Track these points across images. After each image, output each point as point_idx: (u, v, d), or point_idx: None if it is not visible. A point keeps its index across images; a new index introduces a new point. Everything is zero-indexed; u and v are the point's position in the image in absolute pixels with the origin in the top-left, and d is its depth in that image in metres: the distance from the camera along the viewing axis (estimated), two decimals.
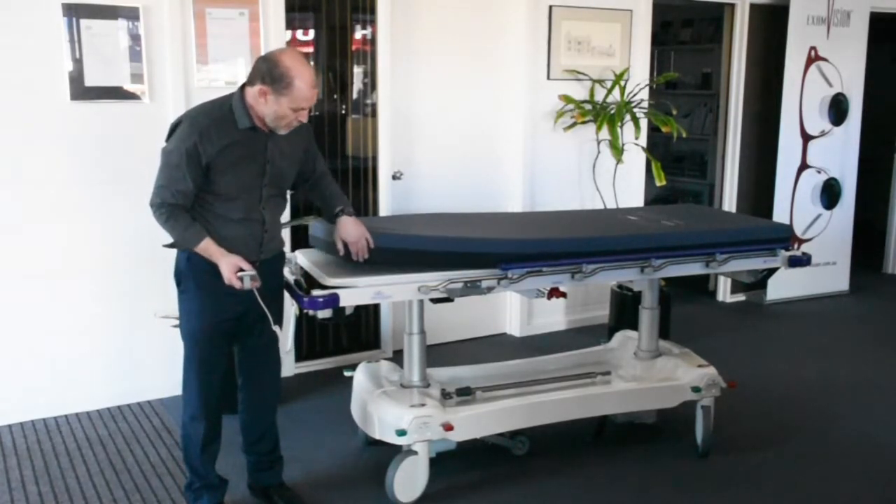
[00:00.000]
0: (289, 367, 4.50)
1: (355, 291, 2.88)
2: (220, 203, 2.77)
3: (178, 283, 2.89)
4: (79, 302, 3.95)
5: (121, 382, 4.07)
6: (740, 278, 3.72)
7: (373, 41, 4.53)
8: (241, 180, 2.77)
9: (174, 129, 2.76)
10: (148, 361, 4.12)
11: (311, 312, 2.88)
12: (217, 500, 3.04)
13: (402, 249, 2.96)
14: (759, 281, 3.68)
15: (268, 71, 2.67)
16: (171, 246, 2.85)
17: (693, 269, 3.39)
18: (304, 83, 2.68)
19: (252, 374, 3.09)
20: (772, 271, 3.60)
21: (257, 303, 2.80)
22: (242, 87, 2.77)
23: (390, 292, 2.94)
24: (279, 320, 3.04)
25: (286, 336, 3.39)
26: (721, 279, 6.05)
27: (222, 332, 2.89)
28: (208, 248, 2.72)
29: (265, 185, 2.83)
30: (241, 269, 2.70)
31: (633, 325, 3.91)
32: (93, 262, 3.93)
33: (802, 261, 3.52)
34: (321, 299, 2.81)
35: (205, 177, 2.72)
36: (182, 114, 2.81)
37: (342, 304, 2.84)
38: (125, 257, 3.98)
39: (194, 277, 2.82)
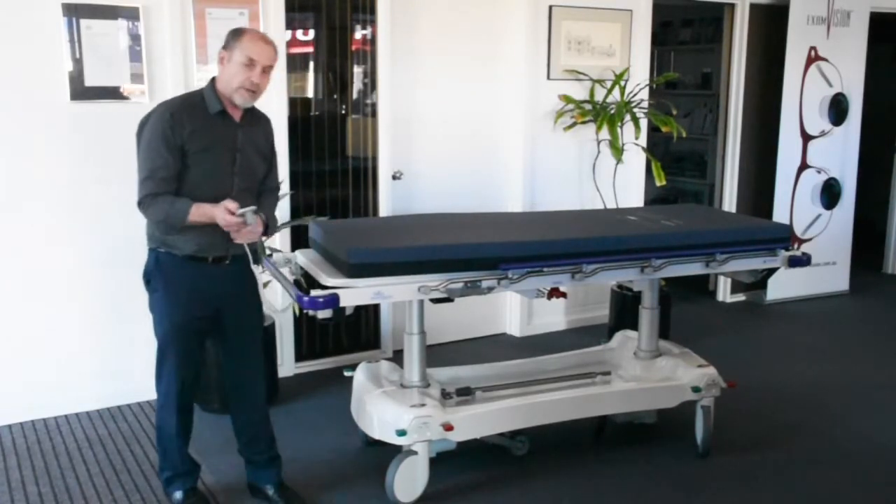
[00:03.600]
0: (289, 367, 4.50)
1: (355, 291, 2.87)
2: (190, 192, 2.78)
3: (148, 283, 2.92)
4: (79, 301, 3.95)
5: (121, 382, 4.07)
6: (740, 278, 3.72)
7: (373, 41, 4.53)
8: (212, 167, 2.81)
9: (144, 123, 2.80)
10: (148, 361, 4.09)
11: (310, 312, 2.88)
12: (189, 486, 3.07)
13: (403, 262, 2.95)
14: (759, 281, 3.68)
15: (227, 37, 2.82)
16: (164, 233, 2.82)
17: (693, 269, 3.39)
18: (253, 36, 2.80)
19: (237, 377, 3.10)
20: (772, 271, 3.60)
21: (233, 296, 2.92)
22: (213, 78, 2.85)
23: (390, 292, 2.94)
24: (259, 317, 3.13)
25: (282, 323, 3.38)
26: (721, 279, 6.05)
27: (195, 329, 2.92)
28: (200, 208, 2.73)
29: (235, 173, 2.87)
30: (233, 213, 2.70)
31: (633, 325, 3.91)
32: (92, 261, 3.93)
33: (802, 261, 3.52)
34: (321, 299, 2.81)
35: (182, 162, 2.75)
36: (152, 108, 2.83)
37: (342, 304, 2.84)
38: (125, 257, 3.97)
39: (163, 276, 2.86)
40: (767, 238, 3.52)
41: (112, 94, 3.86)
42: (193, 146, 2.76)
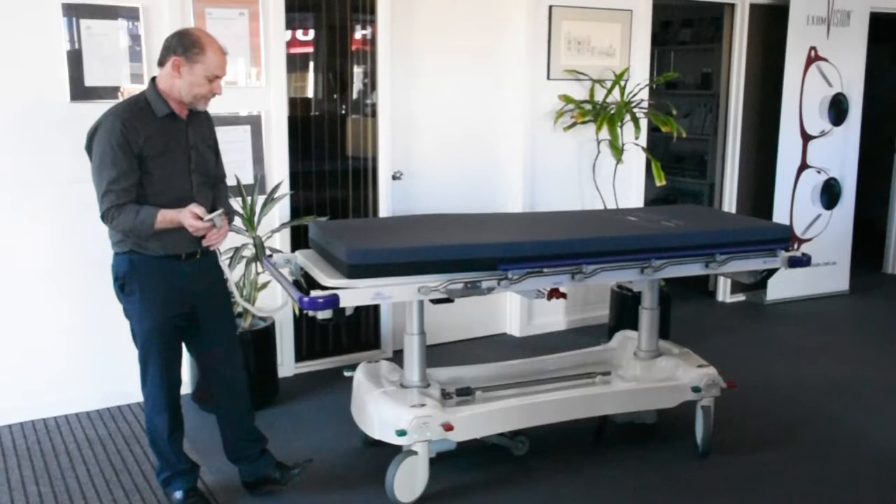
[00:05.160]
0: (289, 367, 4.50)
1: (355, 292, 2.87)
2: (155, 196, 2.78)
3: (122, 288, 2.91)
4: (79, 301, 3.95)
5: (121, 382, 4.06)
6: (740, 279, 3.72)
7: (373, 41, 4.53)
8: (171, 169, 2.82)
9: (92, 135, 2.77)
10: None
11: (310, 313, 2.88)
12: (189, 486, 3.07)
13: (403, 263, 2.95)
14: (760, 281, 3.68)
15: (178, 42, 2.77)
16: (130, 240, 2.83)
17: (693, 269, 3.39)
18: (215, 50, 2.79)
19: (220, 369, 3.11)
20: (772, 272, 3.60)
21: (207, 290, 2.95)
22: (153, 80, 2.84)
23: (390, 293, 2.94)
24: (230, 316, 3.13)
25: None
26: (721, 279, 6.05)
27: (174, 328, 2.93)
28: (165, 216, 2.74)
29: (192, 171, 2.89)
30: (201, 218, 2.72)
31: (633, 326, 3.91)
32: (93, 260, 3.92)
33: (802, 261, 3.52)
34: (321, 300, 2.81)
35: (140, 169, 2.74)
36: (96, 120, 2.80)
37: (342, 304, 2.84)
38: None
39: (139, 279, 2.86)
40: (767, 239, 3.51)
41: (112, 94, 3.85)
42: (151, 151, 2.75)
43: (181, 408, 3.06)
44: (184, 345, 3.07)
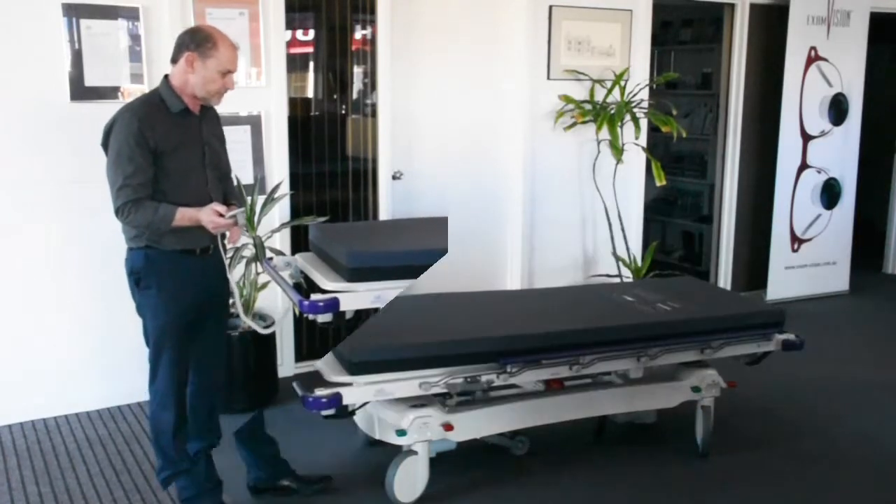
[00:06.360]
0: (289, 367, 4.50)
1: (355, 296, 2.88)
2: (172, 191, 2.79)
3: (138, 283, 2.89)
4: (79, 301, 3.95)
5: (121, 382, 4.06)
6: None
7: (373, 41, 4.53)
8: (187, 165, 2.83)
9: (109, 131, 2.78)
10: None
11: (310, 316, 2.88)
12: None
13: (404, 266, 2.95)
14: (754, 362, 3.73)
15: (191, 39, 2.80)
16: (148, 237, 2.82)
17: (688, 356, 3.46)
18: (227, 45, 2.82)
19: (203, 369, 3.10)
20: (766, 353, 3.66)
21: (216, 285, 2.98)
22: (166, 77, 2.86)
23: (390, 297, 2.94)
24: (226, 311, 3.16)
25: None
26: (721, 278, 6.06)
27: (187, 322, 2.94)
28: (184, 214, 2.76)
29: (207, 166, 2.91)
30: (221, 214, 2.75)
31: None
32: (93, 261, 3.93)
33: (796, 345, 3.61)
34: (321, 303, 2.81)
35: (155, 165, 2.75)
36: (112, 116, 2.81)
37: (342, 308, 2.84)
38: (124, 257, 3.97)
39: (156, 273, 2.85)
40: (762, 322, 3.60)
41: (112, 94, 3.86)
42: (167, 147, 2.77)
43: (185, 404, 3.04)
44: None
